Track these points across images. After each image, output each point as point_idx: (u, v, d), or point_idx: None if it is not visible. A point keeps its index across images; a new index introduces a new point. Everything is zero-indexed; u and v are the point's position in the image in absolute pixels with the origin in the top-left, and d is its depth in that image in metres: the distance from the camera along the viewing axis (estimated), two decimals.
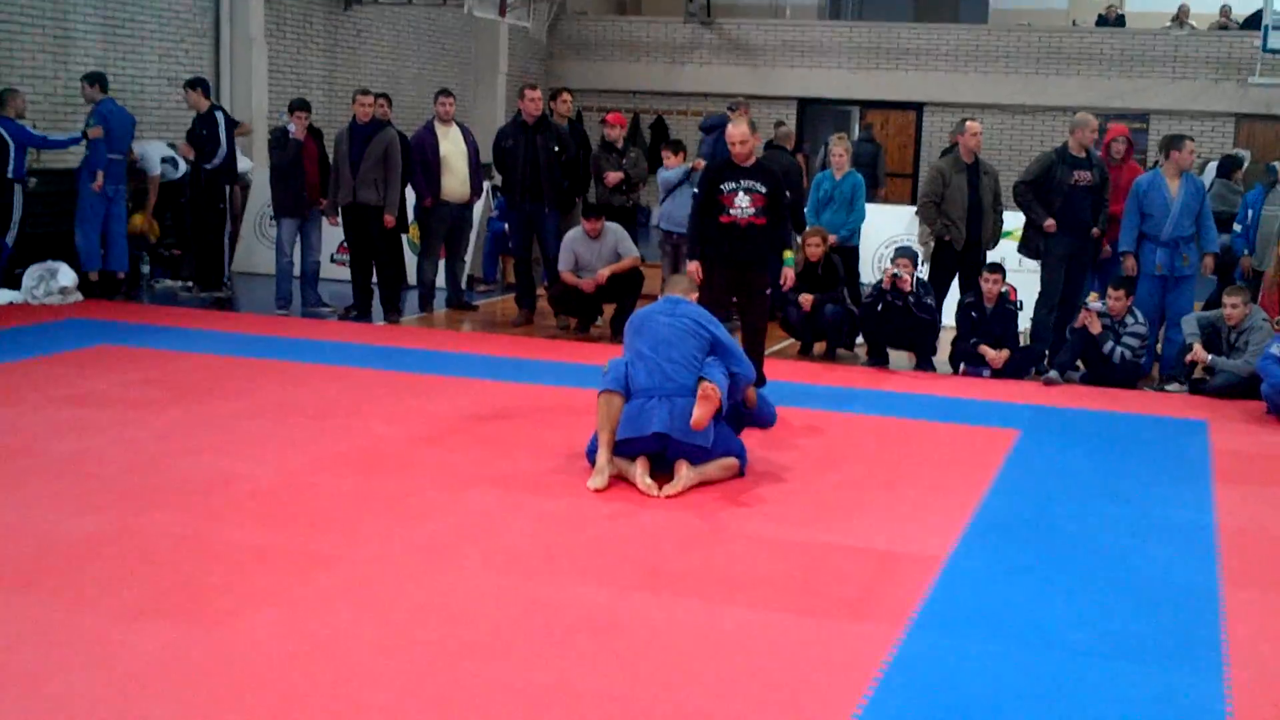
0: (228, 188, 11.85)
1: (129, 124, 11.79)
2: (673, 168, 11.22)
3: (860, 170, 11.44)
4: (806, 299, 9.85)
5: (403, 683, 3.90)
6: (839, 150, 10.97)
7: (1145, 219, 9.45)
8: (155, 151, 12.55)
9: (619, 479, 6.18)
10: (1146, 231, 9.47)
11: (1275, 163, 10.53)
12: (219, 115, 11.82)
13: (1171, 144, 9.58)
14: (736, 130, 7.92)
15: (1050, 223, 9.51)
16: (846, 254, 11.06)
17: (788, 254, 7.99)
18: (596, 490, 6.06)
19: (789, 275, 7.98)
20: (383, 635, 4.25)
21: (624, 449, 6.23)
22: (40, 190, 11.77)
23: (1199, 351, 8.97)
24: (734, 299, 8.23)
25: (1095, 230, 9.69)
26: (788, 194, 8.15)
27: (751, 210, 7.88)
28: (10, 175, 10.96)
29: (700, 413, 6.09)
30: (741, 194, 7.89)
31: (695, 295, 6.93)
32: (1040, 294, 9.87)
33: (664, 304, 6.70)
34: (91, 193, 11.40)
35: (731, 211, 7.92)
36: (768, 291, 8.04)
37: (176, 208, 12.92)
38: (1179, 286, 9.51)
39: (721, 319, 7.86)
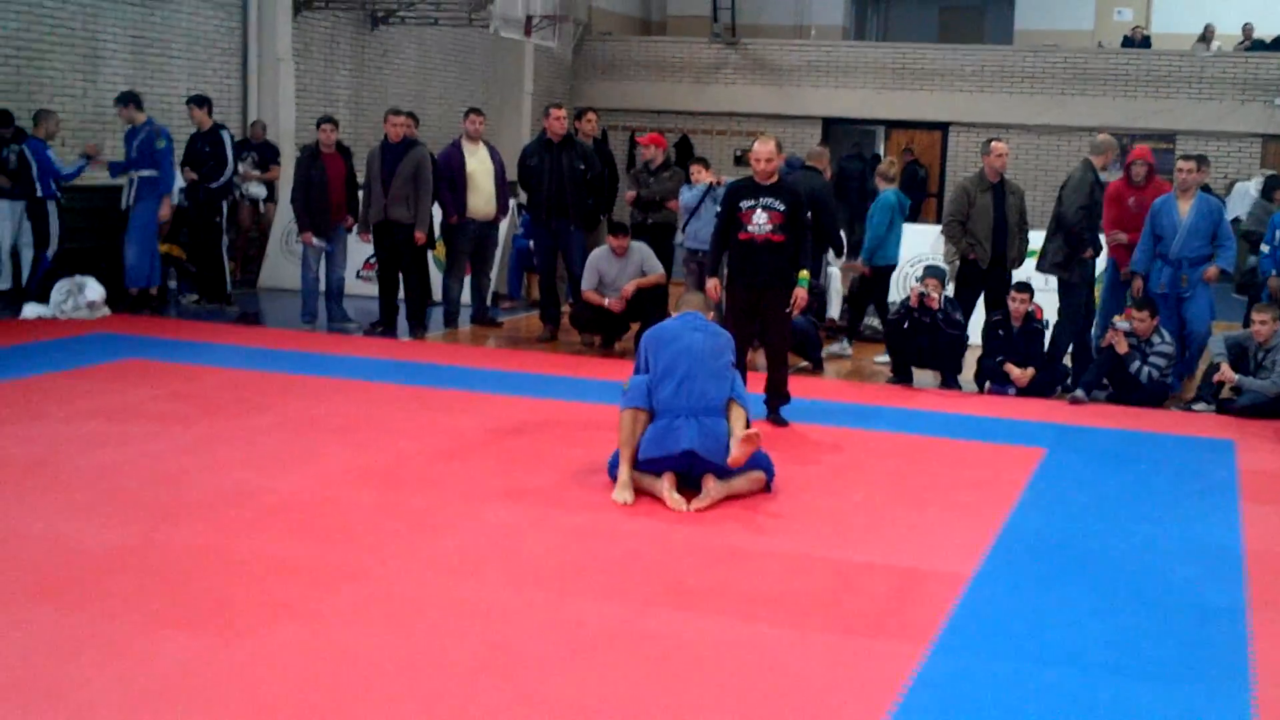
0: (224, 203, 11.95)
1: None
2: (698, 183, 11.21)
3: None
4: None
5: (424, 697, 3.90)
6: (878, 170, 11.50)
7: (1158, 240, 9.56)
8: (176, 181, 12.68)
9: (644, 494, 6.18)
10: (1159, 251, 9.59)
11: None
12: (224, 134, 11.91)
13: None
14: (763, 148, 7.93)
15: (1091, 252, 9.64)
16: (878, 272, 11.06)
17: (802, 275, 7.98)
18: (623, 504, 6.08)
19: (801, 296, 7.96)
20: (405, 649, 4.25)
21: (650, 468, 6.24)
22: (74, 206, 11.87)
23: (1226, 371, 8.93)
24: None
25: (1090, 252, 9.75)
26: (809, 214, 8.14)
27: (769, 227, 7.88)
28: (40, 194, 11.07)
29: (739, 453, 6.11)
30: (760, 211, 7.90)
31: (712, 315, 6.91)
32: (1069, 317, 9.85)
33: (689, 319, 6.65)
34: (146, 210, 11.50)
35: (749, 228, 7.93)
36: (788, 311, 8.02)
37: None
38: (1188, 305, 9.55)
39: (745, 338, 7.87)
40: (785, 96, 21.92)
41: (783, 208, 7.89)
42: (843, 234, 11.27)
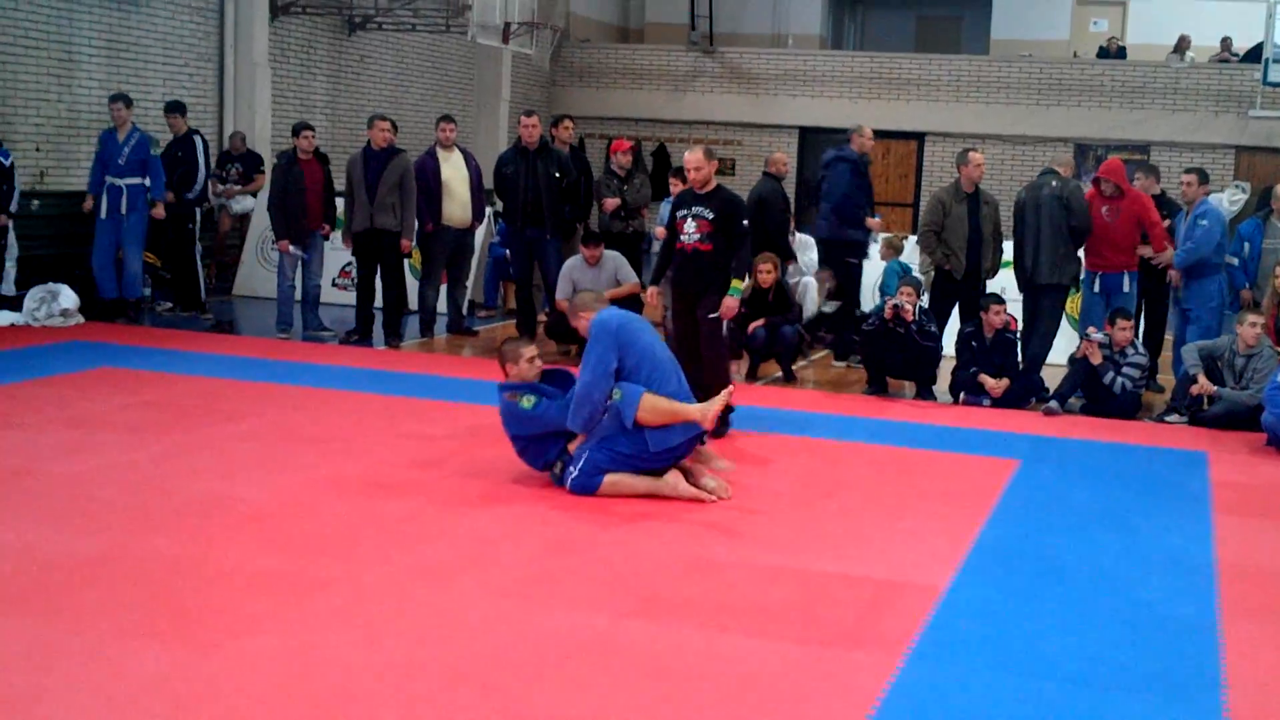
0: (198, 210, 11.92)
1: None
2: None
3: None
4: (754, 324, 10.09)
5: (399, 708, 3.89)
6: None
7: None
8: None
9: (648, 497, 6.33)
10: None
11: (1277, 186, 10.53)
12: (197, 140, 11.86)
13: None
14: (691, 157, 7.98)
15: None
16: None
17: (735, 283, 7.96)
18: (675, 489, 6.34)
19: (730, 305, 7.93)
20: (379, 660, 4.24)
21: (666, 458, 6.43)
22: (44, 213, 11.79)
23: (1204, 383, 8.93)
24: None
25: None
26: (744, 223, 8.05)
27: (697, 236, 7.93)
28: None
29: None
30: (690, 220, 7.96)
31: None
32: (1053, 324, 9.93)
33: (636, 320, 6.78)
34: (142, 219, 11.48)
35: (681, 237, 8.02)
36: (712, 316, 7.97)
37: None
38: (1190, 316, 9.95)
39: (685, 344, 7.95)
40: (761, 105, 21.96)
41: (711, 216, 7.91)
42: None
